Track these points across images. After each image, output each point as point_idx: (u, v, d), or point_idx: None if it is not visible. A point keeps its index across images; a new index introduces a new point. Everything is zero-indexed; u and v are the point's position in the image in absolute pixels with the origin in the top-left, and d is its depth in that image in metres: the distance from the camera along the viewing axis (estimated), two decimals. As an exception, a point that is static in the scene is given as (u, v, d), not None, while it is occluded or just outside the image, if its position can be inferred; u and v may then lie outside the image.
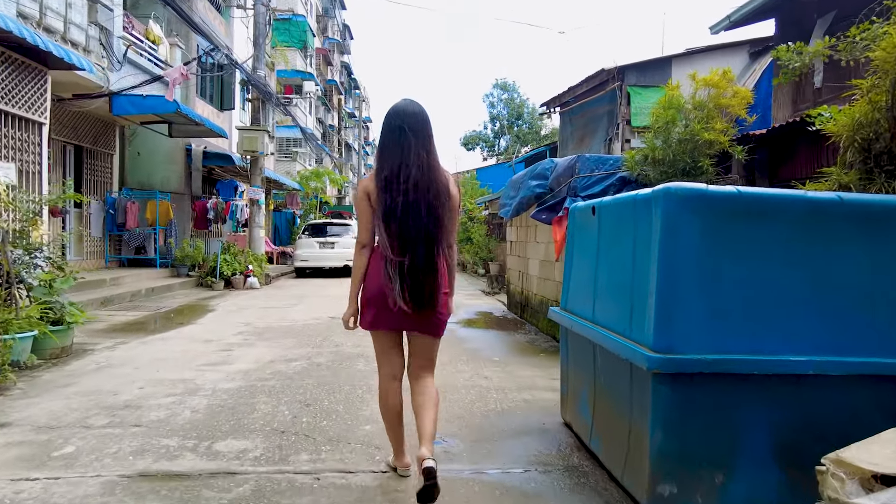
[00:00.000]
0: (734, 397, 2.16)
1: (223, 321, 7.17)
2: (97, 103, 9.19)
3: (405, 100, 2.42)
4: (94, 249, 11.22)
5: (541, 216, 6.03)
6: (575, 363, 3.20)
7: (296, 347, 5.50)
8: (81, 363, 4.70)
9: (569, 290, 3.31)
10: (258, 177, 12.27)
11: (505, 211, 7.82)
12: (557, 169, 6.03)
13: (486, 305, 9.25)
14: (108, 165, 11.72)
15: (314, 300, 9.54)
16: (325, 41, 37.11)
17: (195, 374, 4.41)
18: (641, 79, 10.95)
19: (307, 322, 7.10)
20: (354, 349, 5.42)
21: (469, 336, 6.37)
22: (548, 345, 5.88)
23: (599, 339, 2.68)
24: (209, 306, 8.65)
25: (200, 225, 13.09)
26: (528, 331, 6.75)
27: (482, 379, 4.37)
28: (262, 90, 11.71)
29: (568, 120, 13.11)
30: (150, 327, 6.65)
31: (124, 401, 3.64)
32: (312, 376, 4.36)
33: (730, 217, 2.21)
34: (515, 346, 5.83)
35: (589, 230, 3.04)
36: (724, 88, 4.99)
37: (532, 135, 43.38)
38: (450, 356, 5.18)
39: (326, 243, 14.38)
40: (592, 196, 5.54)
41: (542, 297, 6.72)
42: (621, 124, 10.84)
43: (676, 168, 4.99)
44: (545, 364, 4.94)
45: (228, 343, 5.69)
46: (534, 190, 6.47)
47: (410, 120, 2.34)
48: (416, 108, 2.39)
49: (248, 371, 4.51)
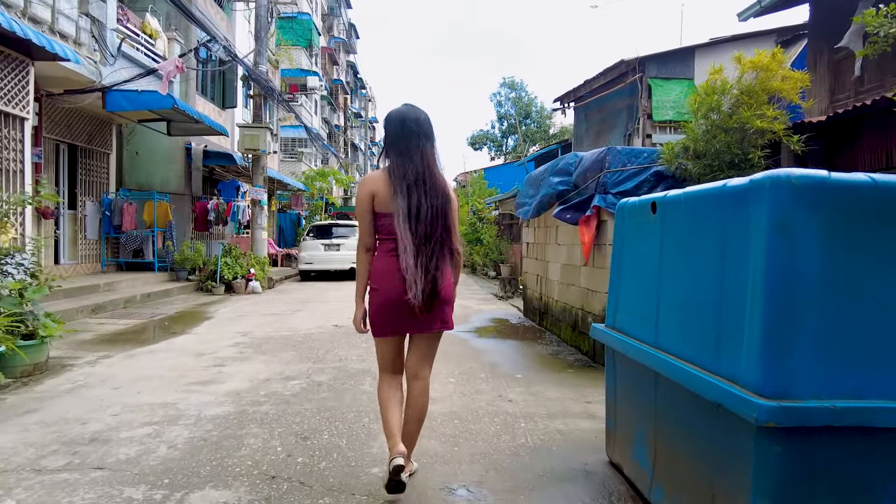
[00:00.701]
0: (874, 460, 1.60)
1: (220, 331, 6.65)
2: (89, 99, 8.72)
3: (407, 105, 2.48)
4: (89, 253, 10.75)
5: (565, 216, 5.47)
6: (627, 394, 2.64)
7: (295, 362, 4.97)
8: (55, 382, 4.19)
9: (618, 304, 2.75)
10: (260, 176, 11.77)
11: (523, 211, 7.27)
12: (583, 163, 5.47)
13: (501, 311, 8.69)
14: (105, 165, 11.26)
15: (318, 306, 9.01)
16: (331, 40, 36.69)
17: (180, 396, 3.88)
18: (663, 70, 10.37)
19: (309, 331, 6.57)
20: (359, 364, 4.88)
21: (485, 347, 5.81)
22: (573, 358, 5.31)
23: (666, 369, 2.13)
24: (207, 313, 8.14)
25: (201, 227, 12.61)
26: (548, 341, 6.19)
27: (506, 402, 3.82)
28: (264, 85, 11.22)
29: (583, 116, 12.53)
30: (141, 338, 6.15)
31: (92, 433, 3.12)
32: (312, 399, 3.82)
33: (861, 214, 1.65)
34: (538, 359, 5.27)
35: (647, 232, 2.48)
36: (774, 71, 4.42)
37: (540, 133, 42.75)
38: (467, 371, 4.63)
39: (332, 245, 13.87)
40: (625, 193, 4.98)
41: (564, 304, 6.15)
42: (642, 118, 10.26)
43: (722, 161, 4.41)
44: (575, 382, 4.38)
45: (222, 357, 5.17)
46: (556, 187, 5.91)
47: (414, 125, 2.40)
48: (420, 113, 2.46)
49: (239, 392, 3.98)
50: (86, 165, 10.62)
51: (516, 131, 45.53)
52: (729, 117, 4.45)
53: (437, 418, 3.44)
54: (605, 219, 5.03)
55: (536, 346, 5.88)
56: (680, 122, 10.43)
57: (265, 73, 11.56)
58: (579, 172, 5.53)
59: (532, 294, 7.67)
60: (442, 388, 4.14)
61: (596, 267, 5.19)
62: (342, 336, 6.27)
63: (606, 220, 5.02)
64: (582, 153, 5.84)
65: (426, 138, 2.41)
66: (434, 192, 2.36)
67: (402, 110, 2.46)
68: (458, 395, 3.97)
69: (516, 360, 5.21)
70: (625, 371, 2.64)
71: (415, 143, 2.38)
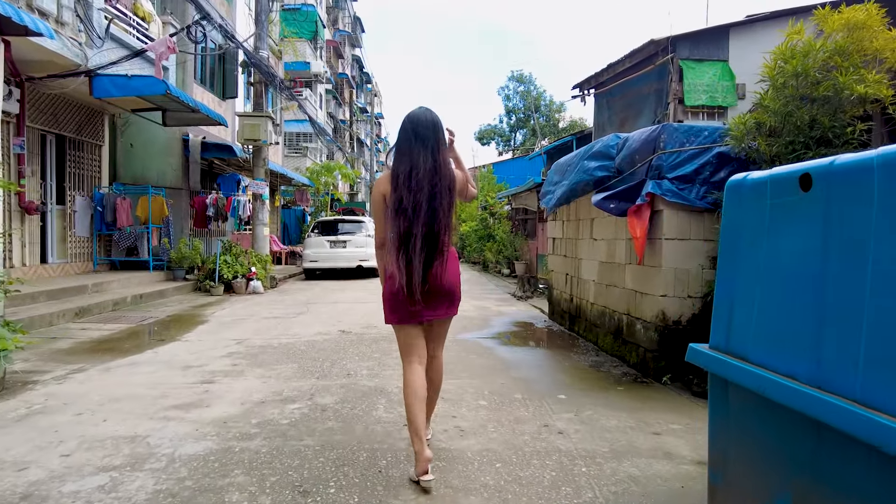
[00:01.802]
0: None
1: (214, 337, 5.95)
2: (74, 84, 8.03)
3: (421, 108, 2.62)
4: (80, 251, 10.09)
5: (607, 206, 4.71)
6: (753, 443, 1.89)
7: (296, 378, 4.25)
8: (5, 407, 3.49)
9: (732, 319, 2.00)
10: (261, 169, 11.06)
11: (547, 200, 6.51)
12: (630, 145, 4.71)
13: (523, 313, 7.94)
14: (97, 158, 10.59)
15: (323, 308, 8.30)
16: (336, 33, 35.97)
17: (154, 425, 3.17)
18: (695, 51, 9.57)
19: (313, 338, 5.85)
20: (370, 380, 4.15)
21: (513, 358, 5.07)
22: (620, 372, 4.56)
23: (844, 421, 1.39)
24: (202, 317, 7.45)
25: (200, 223, 11.93)
26: (584, 349, 5.44)
27: (555, 435, 3.08)
28: (265, 71, 10.49)
29: (605, 103, 11.73)
30: (124, 346, 5.45)
31: (26, 486, 2.41)
32: (315, 431, 3.09)
33: None
34: (578, 373, 4.53)
35: (792, 218, 1.73)
36: (873, 29, 3.65)
37: (549, 128, 41.90)
38: (498, 390, 3.89)
39: (337, 242, 13.15)
40: (684, 178, 4.22)
41: (603, 307, 5.40)
42: (672, 104, 9.46)
43: (808, 136, 3.64)
44: (631, 405, 3.64)
45: (212, 371, 4.46)
46: (593, 173, 5.15)
47: (420, 127, 2.53)
48: (431, 115, 2.58)
49: (227, 421, 3.26)
50: (75, 158, 9.95)
51: (525, 126, 44.69)
52: (815, 85, 3.68)
53: (473, 460, 2.71)
54: (661, 208, 4.27)
55: (572, 357, 5.14)
56: (714, 108, 9.65)
57: (266, 58, 10.84)
58: (624, 155, 4.77)
59: (560, 295, 6.92)
60: (473, 414, 3.41)
61: (648, 266, 4.44)
62: (349, 344, 5.55)
63: (662, 209, 4.26)
64: (624, 134, 5.08)
65: (430, 140, 2.51)
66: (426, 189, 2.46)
67: (411, 112, 2.60)
68: (494, 424, 3.24)
69: (553, 375, 4.47)
70: (750, 413, 1.89)
71: (415, 145, 2.51)
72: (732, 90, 9.60)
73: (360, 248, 12.95)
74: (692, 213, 4.27)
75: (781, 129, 3.86)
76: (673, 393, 3.98)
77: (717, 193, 4.21)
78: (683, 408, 3.61)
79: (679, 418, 3.40)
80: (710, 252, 4.29)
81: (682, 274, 4.27)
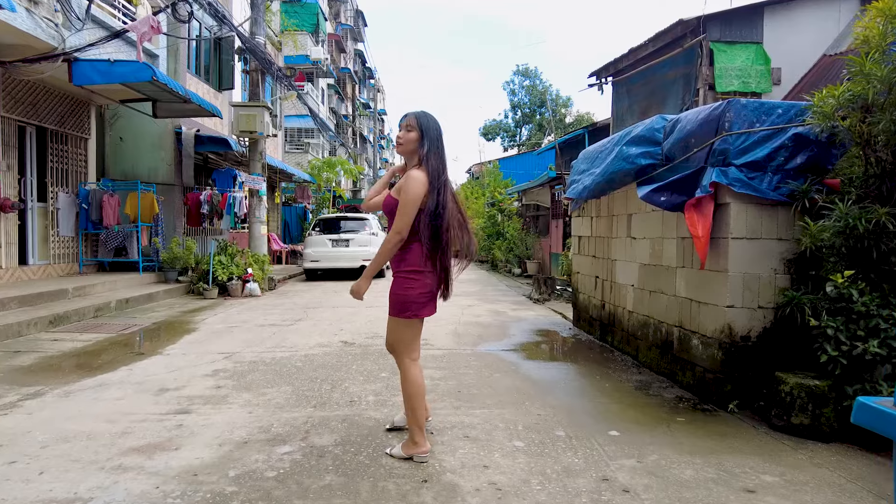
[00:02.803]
0: None
1: (199, 350, 5.26)
2: (51, 69, 7.33)
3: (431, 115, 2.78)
4: (64, 252, 9.41)
5: (657, 199, 3.99)
6: None
7: (288, 406, 3.54)
8: (-75, 452, 2.80)
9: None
10: (258, 163, 10.36)
11: (573, 189, 5.77)
12: (683, 127, 3.98)
13: (543, 319, 7.23)
14: (83, 152, 9.91)
15: (323, 314, 7.60)
16: (338, 27, 35.21)
17: (102, 481, 2.48)
18: (727, 33, 8.82)
19: (311, 352, 5.15)
20: (378, 411, 3.44)
21: (544, 378, 4.35)
22: (673, 396, 3.84)
23: None
24: (191, 324, 6.76)
25: (194, 221, 11.24)
26: (623, 364, 4.73)
27: (620, 496, 2.36)
28: (261, 58, 9.78)
29: (625, 91, 10.98)
30: (95, 362, 4.77)
31: None
32: (308, 491, 2.39)
33: None
34: (625, 397, 3.81)
35: None
36: None
37: (556, 123, 41.04)
38: (535, 424, 3.18)
39: (340, 241, 12.44)
40: (754, 165, 3.50)
41: (646, 317, 4.68)
42: (702, 90, 8.71)
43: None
44: (705, 445, 2.92)
45: (190, 397, 3.76)
46: (635, 161, 4.43)
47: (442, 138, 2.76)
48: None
49: (198, 472, 2.56)
50: (58, 152, 9.27)
51: (531, 121, 43.87)
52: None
53: (521, 541, 2.00)
54: (726, 201, 3.55)
55: (611, 374, 4.42)
56: (746, 94, 8.89)
57: (262, 44, 10.12)
58: (676, 139, 4.05)
59: (587, 300, 6.20)
60: (509, 462, 2.70)
61: (708, 270, 3.71)
62: (353, 359, 4.85)
63: (728, 202, 3.54)
64: (673, 115, 4.36)
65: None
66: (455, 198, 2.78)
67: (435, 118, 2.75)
68: (539, 478, 2.53)
69: (596, 400, 3.75)
70: None
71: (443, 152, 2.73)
72: (767, 75, 8.85)
73: (364, 248, 12.24)
74: (763, 206, 3.55)
75: (883, 103, 3.13)
76: (747, 426, 3.26)
77: (793, 183, 3.50)
78: (769, 450, 2.90)
79: (770, 466, 2.69)
80: (784, 254, 3.57)
81: (752, 280, 3.55)
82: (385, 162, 55.04)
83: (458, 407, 3.52)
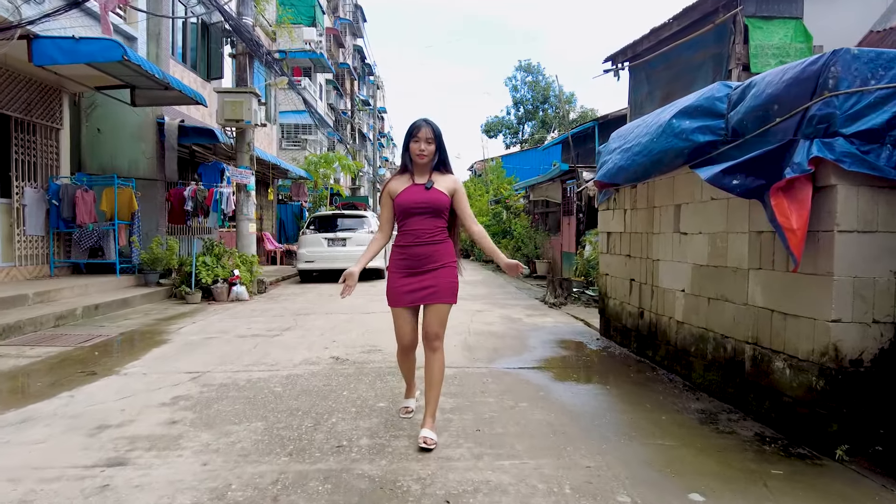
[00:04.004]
0: None
1: (164, 369, 4.42)
2: (4, 46, 6.49)
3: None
4: (32, 252, 8.57)
5: (729, 182, 3.13)
6: None
7: (255, 454, 2.70)
8: None
9: None
10: (246, 155, 9.52)
11: (604, 172, 4.91)
12: (761, 90, 3.12)
13: (564, 327, 6.37)
14: (54, 143, 9.07)
15: (315, 321, 6.76)
16: (336, 21, 34.36)
17: None
18: (763, 7, 7.96)
19: (294, 371, 4.31)
20: (373, 464, 2.59)
21: (583, 408, 3.50)
22: (751, 433, 2.99)
23: None
24: (164, 334, 5.92)
25: (177, 219, 10.40)
26: (674, 387, 3.88)
27: None
28: (247, 39, 8.94)
29: (644, 76, 10.11)
30: (34, 385, 3.94)
31: None
32: None
33: None
34: (695, 439, 2.95)
35: None
36: None
37: (558, 119, 40.14)
38: (585, 485, 2.32)
39: (336, 240, 11.59)
40: (869, 135, 2.67)
41: (702, 329, 3.83)
42: (735, 70, 7.85)
43: None
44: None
45: (132, 438, 2.92)
46: (690, 138, 3.58)
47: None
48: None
49: (99, 581, 1.72)
50: (25, 142, 8.43)
51: (534, 117, 43.02)
52: None
53: None
54: (831, 182, 2.70)
55: (663, 402, 3.57)
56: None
57: (250, 26, 9.28)
58: (750, 106, 3.19)
59: (619, 307, 5.35)
60: (563, 556, 1.84)
61: (804, 273, 2.86)
62: (344, 381, 4.01)
63: (833, 184, 2.69)
64: (737, 83, 3.51)
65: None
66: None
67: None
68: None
69: (658, 444, 2.89)
70: None
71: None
72: (808, 53, 7.98)
73: (362, 247, 11.32)
74: (880, 190, 2.71)
75: None
76: (870, 482, 2.42)
77: (920, 159, 2.65)
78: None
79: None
80: (904, 251, 2.72)
81: (865, 286, 2.70)
82: (385, 160, 54.15)
83: (480, 456, 2.67)
